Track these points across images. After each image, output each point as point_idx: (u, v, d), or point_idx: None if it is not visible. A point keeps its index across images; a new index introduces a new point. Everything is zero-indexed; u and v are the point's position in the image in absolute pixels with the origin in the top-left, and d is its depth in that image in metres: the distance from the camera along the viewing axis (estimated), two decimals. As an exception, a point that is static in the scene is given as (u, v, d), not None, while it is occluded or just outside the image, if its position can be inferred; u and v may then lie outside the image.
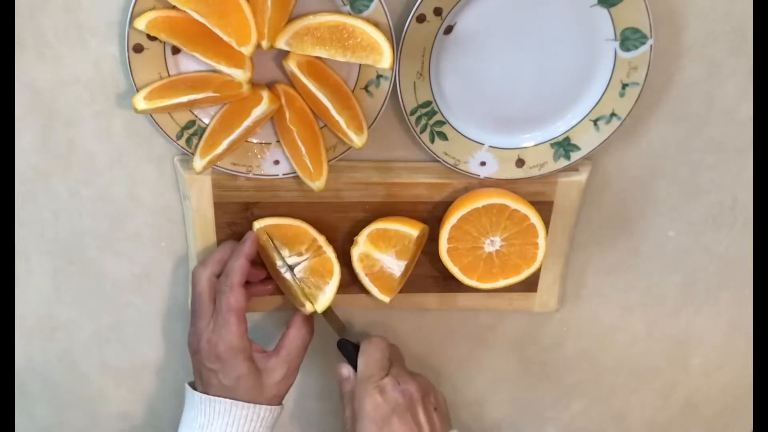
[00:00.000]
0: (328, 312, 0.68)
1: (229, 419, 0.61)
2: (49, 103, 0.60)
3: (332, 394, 0.78)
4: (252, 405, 0.61)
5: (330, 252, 0.65)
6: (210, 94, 0.56)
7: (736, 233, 0.72)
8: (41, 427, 0.78)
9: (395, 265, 0.65)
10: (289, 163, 0.62)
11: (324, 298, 0.65)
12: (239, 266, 0.61)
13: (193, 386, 0.64)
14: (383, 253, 0.65)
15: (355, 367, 0.65)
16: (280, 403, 0.64)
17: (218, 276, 0.62)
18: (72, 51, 0.58)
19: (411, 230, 0.64)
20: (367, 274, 0.66)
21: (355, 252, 0.66)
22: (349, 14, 0.55)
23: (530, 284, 0.70)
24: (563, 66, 0.59)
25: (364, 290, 0.68)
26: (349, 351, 0.67)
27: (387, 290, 0.67)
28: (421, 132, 0.61)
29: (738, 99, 0.64)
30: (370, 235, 0.65)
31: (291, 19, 0.55)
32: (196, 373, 0.63)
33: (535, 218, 0.63)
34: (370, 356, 0.65)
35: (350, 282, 0.67)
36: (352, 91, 0.59)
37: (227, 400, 0.61)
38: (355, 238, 0.65)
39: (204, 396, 0.61)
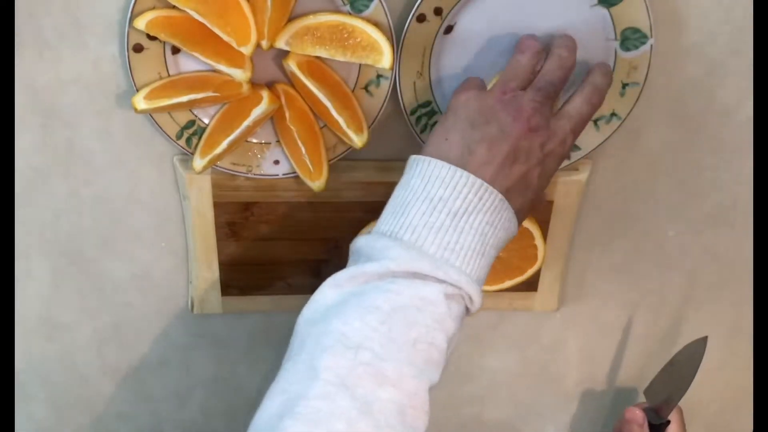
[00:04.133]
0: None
1: (491, 218, 0.49)
2: (49, 103, 0.60)
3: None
4: (513, 211, 0.50)
5: None
6: (210, 94, 0.56)
7: (736, 233, 0.72)
8: (41, 427, 0.78)
9: None
10: (289, 163, 0.62)
11: None
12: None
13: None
14: None
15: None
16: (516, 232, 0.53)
17: None
18: (72, 51, 0.58)
19: None
20: None
21: None
22: (349, 14, 0.55)
23: (530, 284, 0.70)
24: (563, 66, 0.59)
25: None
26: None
27: None
28: (421, 132, 0.61)
29: (738, 99, 0.64)
30: None
31: (291, 19, 0.55)
32: (509, 149, 0.49)
33: (527, 222, 0.63)
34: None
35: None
36: (352, 91, 0.59)
37: (499, 195, 0.49)
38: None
39: (473, 179, 0.48)
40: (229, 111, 0.59)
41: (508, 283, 0.66)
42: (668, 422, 0.68)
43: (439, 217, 0.48)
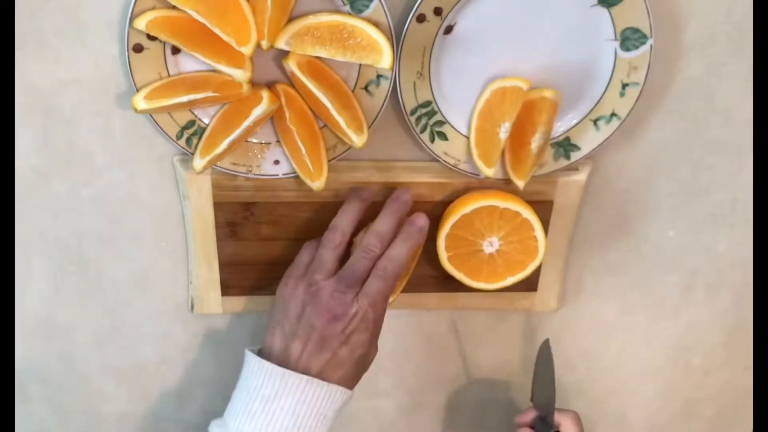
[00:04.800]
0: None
1: (301, 396, 0.57)
2: (49, 103, 0.60)
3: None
4: (326, 384, 0.58)
5: None
6: (210, 94, 0.56)
7: (736, 233, 0.72)
8: (41, 427, 0.78)
9: None
10: (289, 163, 0.62)
11: None
12: (407, 258, 0.60)
13: (258, 353, 0.60)
14: None
15: None
16: (352, 388, 0.61)
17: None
18: (72, 51, 0.58)
19: None
20: None
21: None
22: (349, 14, 0.55)
23: (530, 284, 0.70)
24: (563, 66, 0.59)
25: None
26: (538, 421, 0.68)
27: None
28: (421, 132, 0.61)
29: (738, 99, 0.64)
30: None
31: (291, 19, 0.55)
32: (316, 339, 0.58)
33: (527, 213, 0.63)
34: None
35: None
36: (352, 91, 0.59)
37: (302, 376, 0.57)
38: (353, 240, 0.65)
39: (275, 368, 0.58)
40: (229, 111, 0.58)
41: (510, 280, 0.66)
42: (556, 430, 0.68)
43: (254, 404, 0.58)
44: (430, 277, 0.70)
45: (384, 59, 0.55)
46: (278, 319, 0.61)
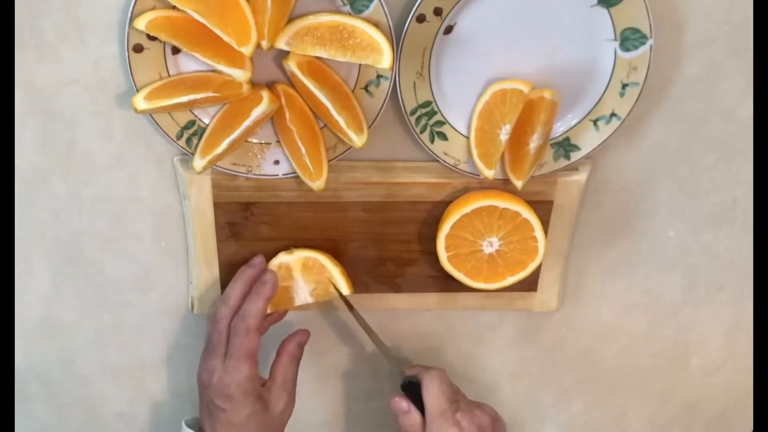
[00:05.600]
0: (375, 339, 0.69)
1: None
2: (49, 103, 0.60)
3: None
4: None
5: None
6: (210, 94, 0.56)
7: (736, 233, 0.72)
8: (41, 427, 0.78)
9: (304, 295, 0.66)
10: (289, 163, 0.62)
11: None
12: (258, 310, 0.62)
13: (190, 424, 0.65)
14: (304, 279, 0.66)
15: (415, 401, 0.65)
16: None
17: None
18: (72, 51, 0.58)
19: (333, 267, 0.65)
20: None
21: (286, 258, 0.66)
22: (349, 14, 0.55)
23: (530, 284, 0.70)
24: (563, 66, 0.59)
25: (364, 290, 0.68)
26: (408, 385, 0.66)
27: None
28: (421, 132, 0.61)
29: (738, 99, 0.64)
30: (303, 260, 0.66)
31: (291, 19, 0.55)
32: (204, 407, 0.64)
33: (527, 213, 0.63)
34: (438, 391, 0.64)
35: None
36: (352, 91, 0.59)
37: None
38: (292, 248, 0.66)
39: None
40: (229, 111, 0.59)
41: (510, 280, 0.66)
42: (417, 383, 0.65)
43: None
44: (430, 277, 0.70)
45: (384, 59, 0.55)
46: (199, 403, 0.65)
